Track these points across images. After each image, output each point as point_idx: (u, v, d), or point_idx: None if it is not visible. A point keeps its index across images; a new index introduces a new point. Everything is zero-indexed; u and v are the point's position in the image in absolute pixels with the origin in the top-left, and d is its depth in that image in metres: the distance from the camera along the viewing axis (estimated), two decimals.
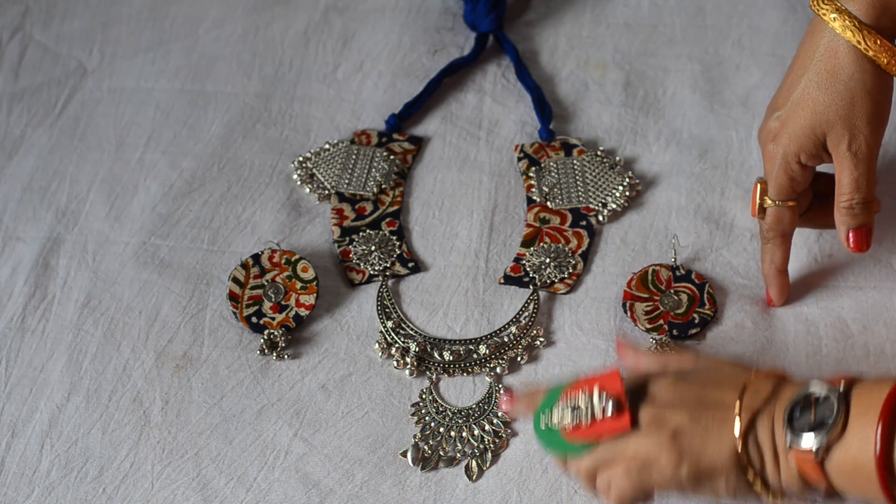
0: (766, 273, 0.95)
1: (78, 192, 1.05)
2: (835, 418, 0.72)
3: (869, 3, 0.85)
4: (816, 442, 0.72)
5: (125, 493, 0.87)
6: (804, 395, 0.74)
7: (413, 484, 0.88)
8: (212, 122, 1.10)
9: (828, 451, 0.72)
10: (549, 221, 1.02)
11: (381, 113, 1.11)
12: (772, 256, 0.94)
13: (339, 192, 1.04)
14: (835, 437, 0.72)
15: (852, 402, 0.72)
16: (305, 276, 0.98)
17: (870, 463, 0.70)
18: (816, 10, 0.87)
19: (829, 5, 0.86)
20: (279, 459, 0.89)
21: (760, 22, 1.16)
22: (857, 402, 0.72)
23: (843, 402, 0.72)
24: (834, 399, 0.73)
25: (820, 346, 0.93)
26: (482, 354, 0.94)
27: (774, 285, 0.95)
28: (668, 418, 0.77)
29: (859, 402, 0.72)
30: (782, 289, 0.95)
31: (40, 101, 1.13)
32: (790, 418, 0.74)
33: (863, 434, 0.71)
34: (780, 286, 0.94)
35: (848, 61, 0.86)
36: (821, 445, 0.72)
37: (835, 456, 0.72)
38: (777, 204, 0.92)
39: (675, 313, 0.95)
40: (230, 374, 0.93)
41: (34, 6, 1.21)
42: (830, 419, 0.72)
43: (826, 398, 0.73)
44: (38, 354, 0.95)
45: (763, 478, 0.76)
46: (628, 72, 1.13)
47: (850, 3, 0.86)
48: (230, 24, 1.19)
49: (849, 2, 0.86)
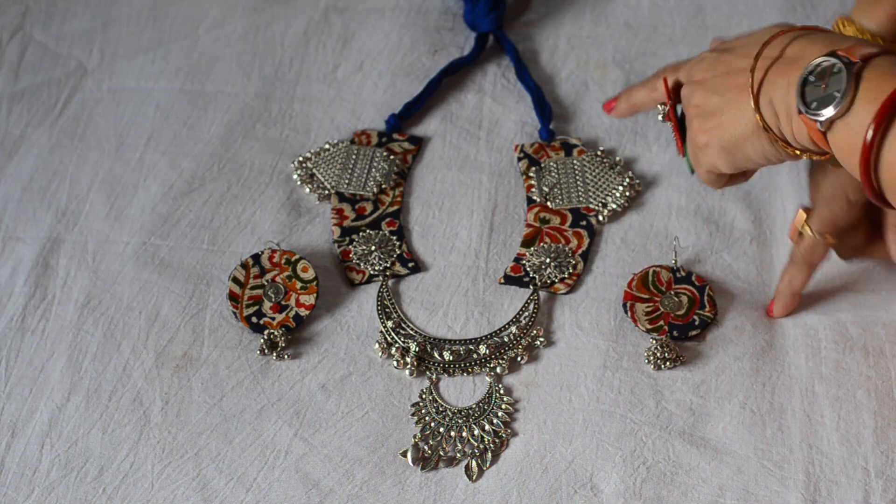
0: (780, 290, 0.95)
1: (78, 192, 1.05)
2: (843, 95, 0.74)
3: (889, 21, 0.85)
4: (822, 114, 0.74)
5: (125, 493, 0.87)
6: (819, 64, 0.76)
7: (413, 484, 0.88)
8: (212, 122, 1.10)
9: (831, 125, 0.74)
10: (550, 221, 1.02)
11: (381, 113, 1.11)
12: (792, 278, 0.94)
13: (339, 192, 1.04)
14: (839, 114, 0.74)
15: (862, 83, 0.74)
16: (305, 276, 0.98)
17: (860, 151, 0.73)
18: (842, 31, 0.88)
19: (851, 28, 0.86)
20: (279, 459, 0.89)
21: (760, 22, 1.16)
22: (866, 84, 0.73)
23: (855, 80, 0.74)
24: (846, 75, 0.74)
25: (819, 348, 0.93)
26: (482, 354, 0.94)
27: (782, 303, 0.95)
28: (691, 98, 0.86)
29: (869, 86, 0.73)
30: (788, 307, 0.95)
31: (40, 101, 1.13)
32: (803, 83, 0.76)
33: (862, 118, 0.73)
34: (788, 306, 0.95)
35: None
36: (826, 118, 0.74)
37: (836, 130, 0.74)
38: (815, 236, 0.92)
39: (676, 315, 0.95)
40: (230, 374, 0.93)
41: (34, 6, 1.21)
42: (839, 95, 0.74)
43: (839, 70, 0.74)
44: (38, 354, 0.95)
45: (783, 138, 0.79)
46: (628, 72, 1.13)
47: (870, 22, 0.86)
48: (230, 24, 1.19)
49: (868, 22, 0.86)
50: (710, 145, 0.85)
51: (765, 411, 0.90)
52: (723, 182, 0.90)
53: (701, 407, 0.90)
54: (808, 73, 0.76)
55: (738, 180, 0.91)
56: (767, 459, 0.87)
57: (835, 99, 0.74)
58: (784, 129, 0.80)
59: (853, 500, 0.85)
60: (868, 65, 0.74)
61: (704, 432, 0.89)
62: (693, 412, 0.90)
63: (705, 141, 0.85)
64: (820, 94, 0.75)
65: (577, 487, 0.87)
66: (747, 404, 0.90)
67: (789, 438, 0.88)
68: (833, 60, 0.75)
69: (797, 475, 0.86)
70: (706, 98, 0.85)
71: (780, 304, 0.94)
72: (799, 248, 0.93)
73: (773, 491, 0.86)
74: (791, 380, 0.91)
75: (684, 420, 0.90)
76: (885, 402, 0.89)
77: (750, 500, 0.85)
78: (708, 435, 0.89)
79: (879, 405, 0.89)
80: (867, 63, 0.74)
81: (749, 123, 0.82)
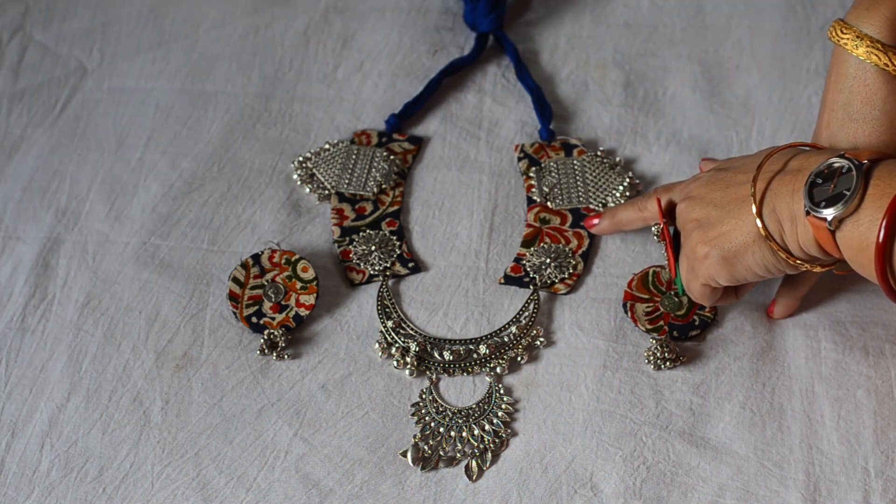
0: (782, 293, 0.94)
1: (78, 192, 1.05)
2: (852, 193, 0.74)
3: (886, 24, 0.84)
4: (831, 212, 0.74)
5: (125, 493, 0.87)
6: (827, 165, 0.76)
7: (413, 484, 0.88)
8: (212, 122, 1.10)
9: (840, 224, 0.74)
10: (550, 221, 1.02)
11: (381, 113, 1.11)
12: (795, 283, 0.94)
13: (339, 192, 1.04)
14: (849, 212, 0.74)
15: (872, 181, 0.74)
16: (305, 276, 0.98)
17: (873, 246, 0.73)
18: (837, 41, 0.86)
19: (849, 33, 0.85)
20: (279, 459, 0.89)
21: (760, 22, 1.16)
22: (876, 181, 0.73)
23: (864, 178, 0.74)
24: (855, 174, 0.74)
25: (819, 348, 0.93)
26: (482, 354, 0.94)
27: (784, 305, 0.94)
28: (690, 213, 0.86)
29: (879, 183, 0.73)
30: (789, 310, 0.95)
31: (40, 101, 1.13)
32: (811, 185, 0.76)
33: (874, 216, 0.73)
34: (789, 308, 0.94)
35: (879, 85, 0.85)
36: (835, 216, 0.74)
37: (846, 229, 0.75)
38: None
39: (676, 315, 0.95)
40: (230, 374, 0.93)
41: (34, 6, 1.21)
42: (848, 193, 0.74)
43: (848, 170, 0.75)
44: (38, 354, 0.95)
45: (785, 247, 0.79)
46: (628, 72, 1.13)
47: (868, 26, 0.85)
48: (230, 24, 1.19)
49: (866, 26, 0.85)
50: (710, 256, 0.85)
51: (765, 411, 0.90)
52: (716, 297, 0.90)
53: (701, 407, 0.90)
54: (816, 174, 0.77)
55: (729, 298, 0.91)
56: (767, 459, 0.87)
57: (844, 197, 0.74)
58: (788, 236, 0.80)
59: (853, 500, 0.85)
60: (875, 165, 0.75)
61: (704, 432, 0.89)
62: (693, 412, 0.90)
63: (705, 252, 0.85)
64: (828, 195, 0.75)
65: (577, 487, 0.87)
66: (747, 404, 0.90)
67: (789, 438, 0.88)
68: (842, 161, 0.76)
69: (797, 475, 0.86)
70: (706, 211, 0.86)
71: (781, 307, 0.94)
72: None
73: (773, 491, 0.86)
74: (791, 380, 0.91)
75: (684, 420, 0.90)
76: (885, 402, 0.89)
77: (750, 500, 0.85)
78: (708, 435, 0.89)
79: (879, 405, 0.89)
80: (875, 164, 0.75)
81: (751, 233, 0.82)
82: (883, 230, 0.73)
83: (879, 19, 0.84)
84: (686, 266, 0.89)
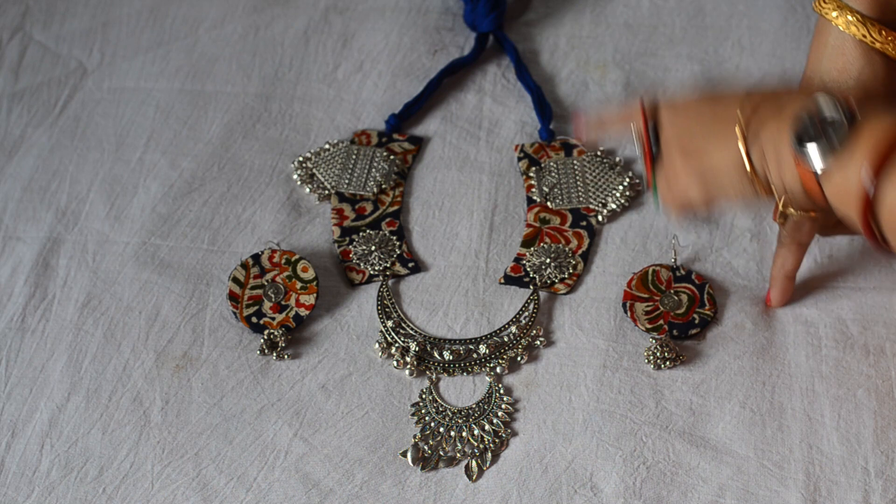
0: (774, 275, 0.95)
1: (78, 192, 1.05)
2: (841, 142, 0.73)
3: None
4: (819, 162, 0.73)
5: (125, 493, 0.87)
6: (817, 112, 0.75)
7: (413, 484, 0.88)
8: (212, 122, 1.10)
9: (827, 174, 0.74)
10: (550, 221, 1.02)
11: (381, 113, 1.11)
12: (783, 261, 0.94)
13: (339, 192, 1.04)
14: (835, 161, 0.73)
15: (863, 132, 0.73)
16: (305, 276, 0.98)
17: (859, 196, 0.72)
18: (819, 10, 0.87)
19: (830, 3, 0.86)
20: (279, 459, 0.89)
21: (760, 22, 1.16)
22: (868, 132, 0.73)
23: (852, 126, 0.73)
24: (845, 124, 0.73)
25: (820, 346, 0.93)
26: (482, 354, 0.94)
27: (778, 288, 0.94)
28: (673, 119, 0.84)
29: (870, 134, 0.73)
30: (785, 293, 0.95)
31: (40, 101, 1.13)
32: (800, 131, 0.75)
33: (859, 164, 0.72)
34: (784, 290, 0.94)
35: (856, 56, 0.86)
36: (823, 167, 0.73)
37: (834, 179, 0.74)
38: (798, 213, 0.92)
39: (676, 313, 0.95)
40: (230, 374, 0.93)
41: (34, 6, 1.21)
42: (837, 143, 0.73)
43: (838, 121, 0.74)
44: (38, 354, 0.95)
45: (766, 179, 0.78)
46: (628, 72, 1.13)
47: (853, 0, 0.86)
48: (230, 24, 1.19)
49: None
50: (688, 172, 0.83)
51: (765, 411, 0.90)
52: (690, 213, 0.89)
53: (701, 407, 0.90)
54: (807, 116, 0.76)
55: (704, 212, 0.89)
56: (767, 459, 0.87)
57: (832, 145, 0.74)
58: (772, 172, 0.79)
59: (853, 500, 0.85)
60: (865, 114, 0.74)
61: (704, 432, 0.89)
62: (693, 412, 0.90)
63: (682, 166, 0.84)
64: (815, 139, 0.75)
65: (577, 487, 0.87)
66: (747, 404, 0.90)
67: (789, 438, 0.88)
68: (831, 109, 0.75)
69: (797, 475, 0.86)
70: (689, 123, 0.84)
71: (776, 291, 0.94)
72: (784, 228, 0.93)
73: (773, 491, 0.86)
74: (791, 378, 0.91)
75: (684, 420, 0.90)
76: (885, 401, 0.89)
77: (750, 500, 0.85)
78: (708, 435, 0.89)
79: (880, 405, 0.89)
80: (862, 110, 0.75)
81: (733, 157, 0.80)
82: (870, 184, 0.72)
83: None
84: (662, 178, 0.87)
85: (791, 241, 0.93)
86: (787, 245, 0.93)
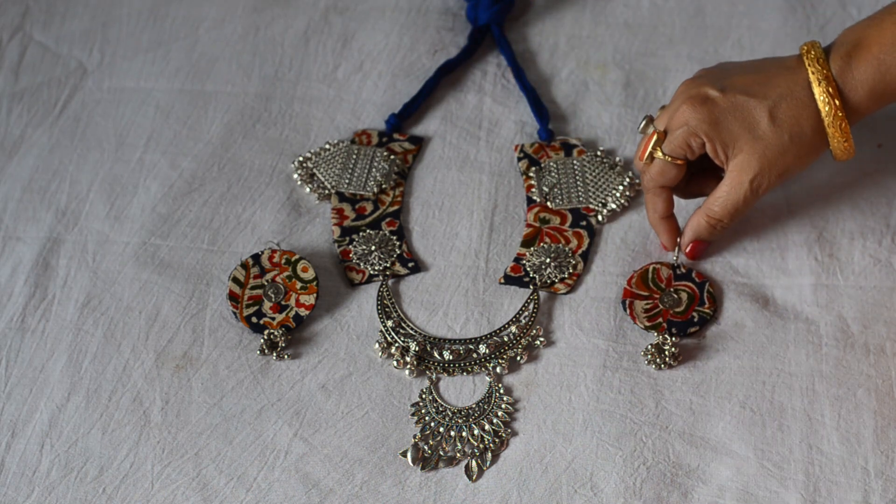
0: (652, 222, 0.97)
1: (78, 192, 1.05)
2: None
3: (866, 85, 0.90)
4: None
5: (125, 493, 0.87)
6: None
7: (413, 484, 0.88)
8: (212, 122, 1.10)
9: None
10: (549, 221, 1.02)
11: (381, 113, 1.11)
12: (654, 206, 0.96)
13: (340, 191, 1.04)
14: None
15: None
16: (305, 276, 0.98)
17: None
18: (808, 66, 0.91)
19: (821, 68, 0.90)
20: (279, 459, 0.89)
21: (760, 22, 1.16)
22: None
23: None
24: None
25: (820, 345, 0.93)
26: (482, 354, 0.94)
27: (663, 231, 0.97)
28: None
29: None
30: (671, 234, 0.97)
31: (40, 101, 1.13)
32: None
33: None
34: (668, 231, 0.97)
35: (809, 125, 0.90)
36: None
37: None
38: (667, 159, 0.93)
39: (675, 311, 0.95)
40: (230, 374, 0.93)
41: (34, 6, 1.21)
42: None
43: None
44: (38, 354, 0.95)
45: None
46: (628, 72, 1.13)
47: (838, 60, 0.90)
48: (230, 24, 1.19)
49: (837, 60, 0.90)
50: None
51: (765, 411, 0.90)
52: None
53: (701, 407, 0.90)
54: None
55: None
56: (767, 459, 0.87)
57: None
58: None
59: (853, 500, 0.85)
60: None
61: (704, 432, 0.89)
62: (693, 412, 0.90)
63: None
64: None
65: (577, 487, 0.87)
66: (747, 404, 0.90)
67: (789, 438, 0.88)
68: None
69: (797, 475, 0.86)
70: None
71: (662, 235, 0.97)
72: (648, 171, 0.95)
73: (773, 491, 0.86)
74: (791, 378, 0.91)
75: (684, 420, 0.90)
76: (885, 401, 0.89)
77: (750, 500, 0.85)
78: (708, 435, 0.89)
79: (880, 405, 0.89)
80: None
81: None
82: None
83: None
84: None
85: (655, 184, 0.95)
86: (652, 189, 0.95)
